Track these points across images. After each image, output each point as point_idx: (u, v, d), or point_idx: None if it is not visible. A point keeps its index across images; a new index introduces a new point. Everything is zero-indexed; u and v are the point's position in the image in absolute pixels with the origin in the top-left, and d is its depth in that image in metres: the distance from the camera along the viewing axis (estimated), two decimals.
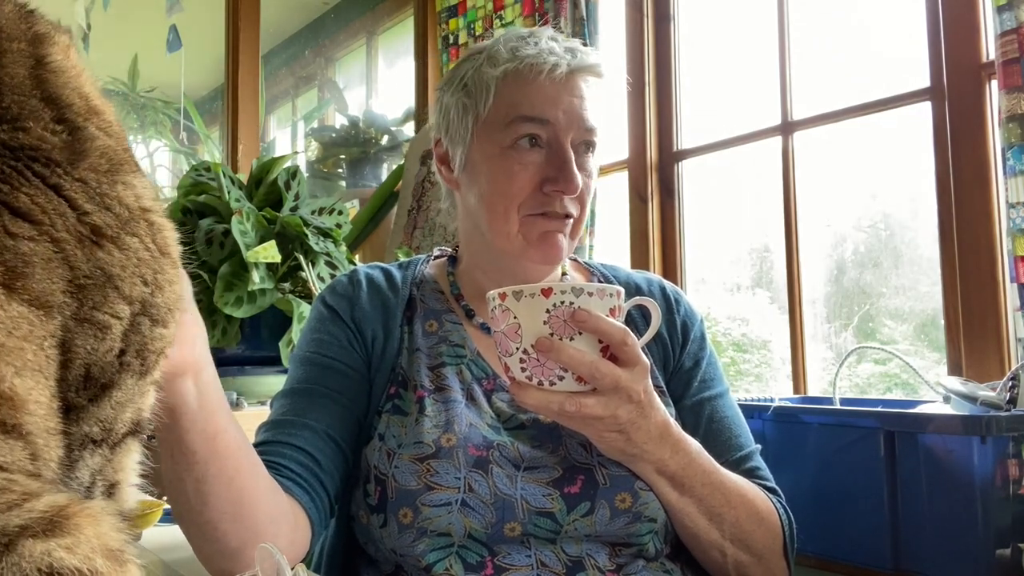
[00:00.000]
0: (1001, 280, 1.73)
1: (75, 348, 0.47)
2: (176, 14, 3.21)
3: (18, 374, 0.45)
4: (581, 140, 1.02)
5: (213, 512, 0.79)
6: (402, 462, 0.93)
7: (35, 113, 0.48)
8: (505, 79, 1.02)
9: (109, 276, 0.48)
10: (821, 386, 2.16)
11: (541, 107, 1.01)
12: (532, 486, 0.92)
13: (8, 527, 0.39)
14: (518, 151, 1.01)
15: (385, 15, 3.87)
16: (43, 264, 0.46)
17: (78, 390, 0.49)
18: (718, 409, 1.07)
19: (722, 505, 0.94)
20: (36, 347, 0.45)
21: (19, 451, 0.44)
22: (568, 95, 1.02)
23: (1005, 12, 1.61)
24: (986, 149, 1.77)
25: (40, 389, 0.46)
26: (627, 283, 1.15)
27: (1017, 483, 1.26)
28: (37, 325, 0.46)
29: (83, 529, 0.42)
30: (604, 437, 0.87)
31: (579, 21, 2.47)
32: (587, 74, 1.03)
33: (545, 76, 1.01)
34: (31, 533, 0.40)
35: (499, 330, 0.84)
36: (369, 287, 1.08)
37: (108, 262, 0.49)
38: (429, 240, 2.64)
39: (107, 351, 0.49)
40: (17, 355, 0.44)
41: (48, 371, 0.46)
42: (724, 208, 2.65)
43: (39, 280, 0.45)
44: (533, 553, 0.92)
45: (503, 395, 1.01)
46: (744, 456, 1.05)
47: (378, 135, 3.62)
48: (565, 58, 1.02)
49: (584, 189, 1.03)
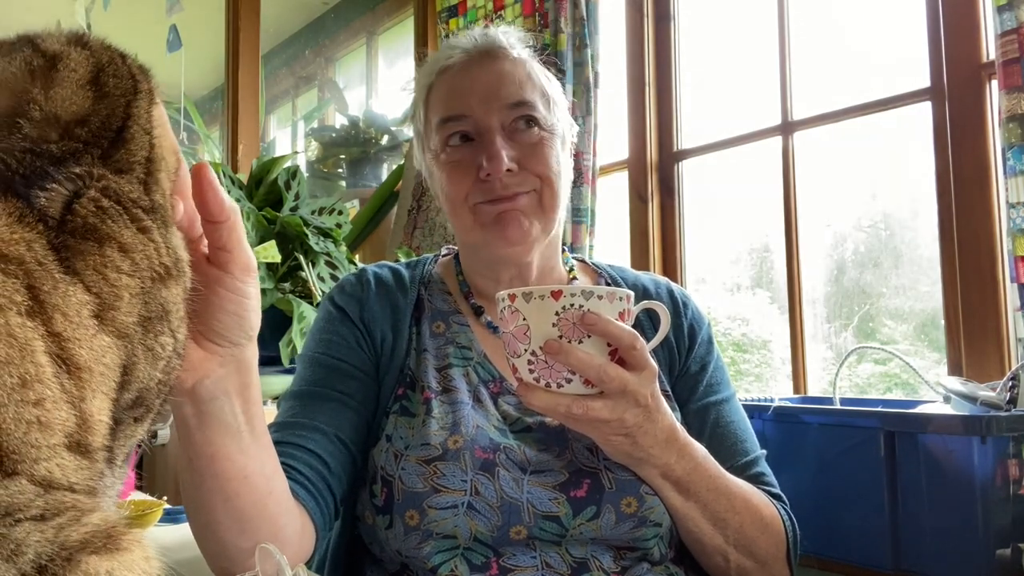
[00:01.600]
0: (1001, 280, 1.73)
1: (136, 373, 0.51)
2: (176, 14, 3.20)
3: (95, 396, 0.48)
4: (513, 117, 1.02)
5: (210, 518, 0.78)
6: (409, 464, 0.93)
7: (135, 166, 0.54)
8: (428, 91, 1.08)
9: (167, 311, 0.53)
10: (821, 386, 2.16)
11: (453, 104, 1.03)
12: (538, 490, 0.92)
13: (68, 542, 0.40)
14: (450, 152, 1.04)
15: (385, 15, 3.87)
16: (130, 298, 0.50)
17: (127, 408, 0.52)
18: (724, 414, 1.06)
19: (727, 511, 0.93)
20: (112, 372, 0.49)
21: (86, 471, 0.47)
22: (480, 82, 1.03)
23: (1005, 12, 1.61)
24: (986, 149, 1.77)
25: (105, 412, 0.49)
26: (635, 285, 1.14)
27: (1017, 483, 1.26)
28: (116, 353, 0.49)
29: (134, 550, 0.43)
30: (610, 441, 0.87)
31: (579, 21, 2.47)
32: (496, 55, 1.04)
33: (451, 73, 1.04)
34: (92, 549, 0.41)
35: (508, 331, 0.84)
36: (378, 287, 1.08)
37: (168, 298, 0.53)
38: (429, 240, 2.64)
39: (152, 377, 0.53)
40: (101, 381, 0.48)
41: (111, 393, 0.50)
42: (724, 208, 2.65)
43: (124, 312, 0.50)
44: (538, 555, 0.92)
45: (510, 398, 1.01)
46: (749, 461, 1.04)
47: (378, 135, 3.62)
48: (462, 47, 1.05)
49: (531, 160, 1.02)
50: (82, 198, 0.48)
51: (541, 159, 1.02)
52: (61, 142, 0.49)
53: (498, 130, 1.01)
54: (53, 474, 0.44)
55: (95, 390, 0.48)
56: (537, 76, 1.06)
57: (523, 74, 1.04)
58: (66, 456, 0.46)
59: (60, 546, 0.41)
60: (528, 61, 1.07)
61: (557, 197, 1.04)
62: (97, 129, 0.51)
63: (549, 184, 1.03)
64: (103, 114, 0.52)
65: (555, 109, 1.06)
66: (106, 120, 0.52)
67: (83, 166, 0.49)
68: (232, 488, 0.76)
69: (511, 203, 1.01)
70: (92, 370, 0.48)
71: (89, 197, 0.49)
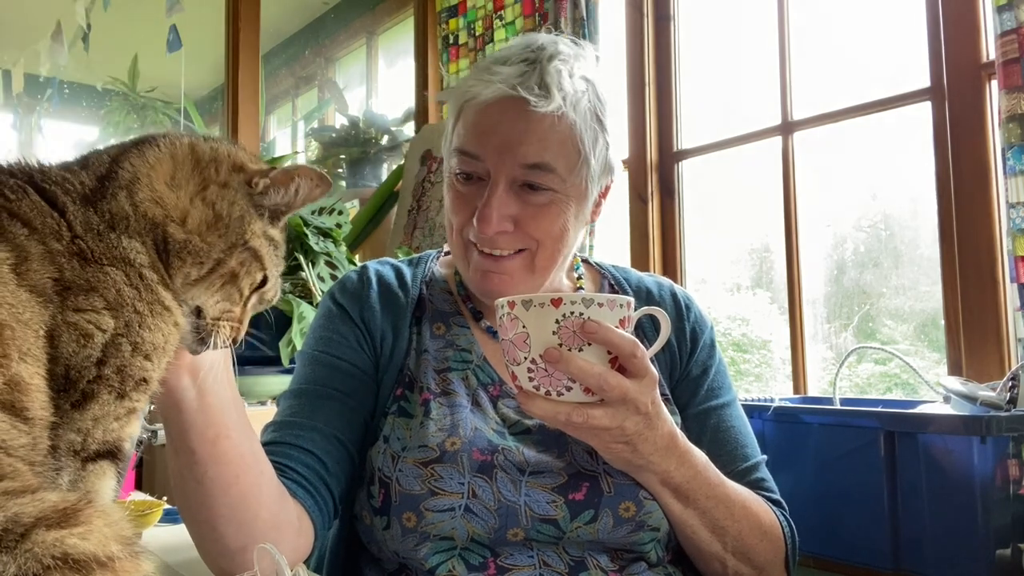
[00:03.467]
0: (1001, 280, 1.73)
1: (60, 345, 0.54)
2: (176, 14, 3.20)
3: (23, 359, 0.51)
4: (525, 176, 0.95)
5: (212, 513, 0.79)
6: (406, 466, 0.93)
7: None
8: (461, 108, 1.00)
9: (93, 287, 0.57)
10: (821, 386, 2.16)
11: (471, 140, 0.97)
12: (536, 492, 0.92)
13: (23, 517, 0.42)
14: (458, 181, 1.00)
15: (385, 15, 3.87)
16: (38, 259, 0.54)
17: (60, 391, 0.54)
18: (725, 419, 1.06)
19: (726, 518, 0.93)
20: (34, 334, 0.52)
21: (24, 437, 0.49)
22: (503, 129, 0.95)
23: (1005, 12, 1.61)
24: (986, 149, 1.77)
25: (38, 379, 0.52)
26: (638, 287, 1.13)
27: (1017, 483, 1.26)
28: (36, 312, 0.53)
29: (93, 520, 0.44)
30: (610, 448, 0.87)
31: (579, 21, 2.47)
32: (530, 104, 0.92)
33: (482, 106, 0.96)
34: (45, 523, 0.43)
35: (507, 338, 0.83)
36: (379, 285, 1.07)
37: (94, 277, 0.57)
38: (429, 240, 2.64)
39: (87, 356, 0.55)
40: (22, 340, 0.51)
41: (41, 360, 0.53)
42: (724, 208, 2.65)
43: (36, 271, 0.54)
44: (535, 554, 0.91)
45: (509, 401, 1.00)
46: (750, 467, 1.04)
47: (378, 135, 3.62)
48: (505, 79, 0.94)
49: (532, 222, 0.96)
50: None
51: (542, 223, 0.97)
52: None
53: (505, 185, 0.95)
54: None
55: (21, 351, 0.51)
56: (574, 131, 0.95)
57: (552, 133, 0.94)
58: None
59: (13, 521, 0.42)
60: (567, 115, 0.94)
61: (553, 259, 1.00)
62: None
63: (545, 247, 0.98)
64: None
65: (583, 168, 0.97)
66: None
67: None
68: (231, 473, 0.78)
69: (496, 264, 0.98)
70: (12, 327, 0.50)
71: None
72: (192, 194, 0.64)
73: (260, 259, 0.67)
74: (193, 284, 0.64)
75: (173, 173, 0.64)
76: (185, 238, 0.62)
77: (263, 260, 0.68)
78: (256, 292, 0.69)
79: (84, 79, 4.95)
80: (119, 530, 0.45)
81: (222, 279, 0.65)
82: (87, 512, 0.45)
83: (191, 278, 0.64)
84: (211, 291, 0.65)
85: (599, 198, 1.05)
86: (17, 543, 0.41)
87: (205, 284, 0.64)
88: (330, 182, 0.72)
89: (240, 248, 0.65)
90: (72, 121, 5.52)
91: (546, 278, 1.02)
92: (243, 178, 0.67)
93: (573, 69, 0.97)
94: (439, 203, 2.62)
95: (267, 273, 0.69)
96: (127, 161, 0.64)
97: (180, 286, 0.63)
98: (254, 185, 0.67)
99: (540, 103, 0.92)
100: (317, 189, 0.70)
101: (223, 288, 0.66)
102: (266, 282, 0.69)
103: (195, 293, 0.64)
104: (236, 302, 0.67)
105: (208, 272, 0.64)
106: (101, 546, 0.43)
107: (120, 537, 0.45)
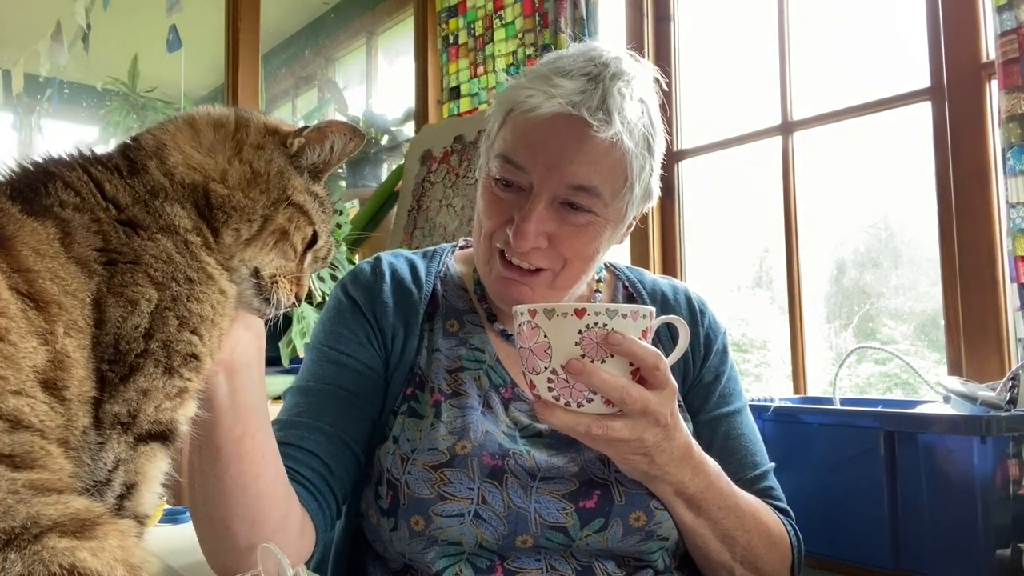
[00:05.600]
0: (1001, 280, 1.72)
1: (107, 310, 0.55)
2: (176, 14, 3.20)
3: (67, 333, 0.51)
4: (568, 196, 0.94)
5: (227, 510, 0.79)
6: (416, 468, 0.92)
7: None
8: (509, 112, 0.97)
9: (139, 259, 0.58)
10: (821, 386, 2.16)
11: (519, 151, 0.94)
12: (547, 498, 0.91)
13: (42, 519, 0.42)
14: (497, 187, 0.98)
15: (385, 15, 3.87)
16: (82, 231, 0.56)
17: (109, 362, 0.55)
18: (735, 426, 1.05)
19: (736, 528, 0.93)
20: (80, 303, 0.53)
21: (59, 417, 0.49)
22: (555, 144, 0.92)
23: (1005, 12, 1.61)
24: (986, 149, 1.77)
25: (81, 350, 0.52)
26: (653, 291, 1.12)
27: (1017, 483, 1.26)
28: (83, 283, 0.54)
29: (109, 538, 0.44)
30: (627, 459, 0.86)
31: (579, 21, 2.47)
32: (588, 125, 0.90)
33: (535, 117, 0.92)
34: (60, 529, 0.42)
35: (526, 347, 0.82)
36: (392, 279, 1.05)
37: (141, 247, 0.58)
38: (429, 240, 2.64)
39: (134, 327, 0.56)
40: (69, 314, 0.52)
41: (86, 332, 0.54)
42: (724, 208, 2.65)
43: (80, 244, 0.55)
44: (543, 558, 0.91)
45: (521, 404, 0.99)
46: (759, 475, 1.04)
47: (378, 135, 3.62)
48: (565, 95, 0.90)
49: (565, 242, 0.95)
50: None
51: (575, 243, 0.96)
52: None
53: (547, 201, 0.93)
54: (22, 411, 0.45)
55: (68, 325, 0.52)
56: (626, 158, 0.93)
57: (605, 158, 0.92)
58: (39, 393, 0.48)
59: (32, 520, 0.42)
60: (623, 142, 0.92)
61: (577, 278, 0.99)
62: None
63: (571, 267, 0.97)
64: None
65: (627, 194, 0.96)
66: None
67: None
68: (252, 472, 0.78)
69: (520, 276, 0.97)
70: (61, 303, 0.52)
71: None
72: (229, 156, 0.66)
73: (307, 214, 0.69)
74: (246, 244, 0.66)
75: (203, 138, 0.66)
76: (227, 193, 0.64)
77: (310, 215, 0.69)
78: (309, 250, 0.71)
79: (84, 79, 4.94)
80: (129, 555, 0.45)
81: (274, 237, 0.67)
82: (105, 528, 0.44)
83: (242, 237, 0.65)
84: (265, 250, 0.67)
85: (633, 221, 1.03)
86: (29, 544, 0.41)
87: (259, 244, 0.66)
88: (363, 135, 0.73)
89: (284, 203, 0.67)
90: (72, 121, 5.51)
91: (567, 294, 1.01)
92: (277, 139, 0.69)
93: (634, 92, 0.94)
94: (439, 203, 2.62)
95: (316, 228, 0.70)
96: (149, 135, 0.66)
97: (232, 245, 0.65)
98: (289, 145, 0.69)
99: (601, 128, 0.90)
100: (351, 143, 0.72)
101: (276, 246, 0.67)
102: (317, 238, 0.71)
103: (250, 254, 0.66)
104: (291, 259, 0.69)
105: (259, 230, 0.66)
106: (108, 567, 0.43)
107: (128, 564, 0.44)
